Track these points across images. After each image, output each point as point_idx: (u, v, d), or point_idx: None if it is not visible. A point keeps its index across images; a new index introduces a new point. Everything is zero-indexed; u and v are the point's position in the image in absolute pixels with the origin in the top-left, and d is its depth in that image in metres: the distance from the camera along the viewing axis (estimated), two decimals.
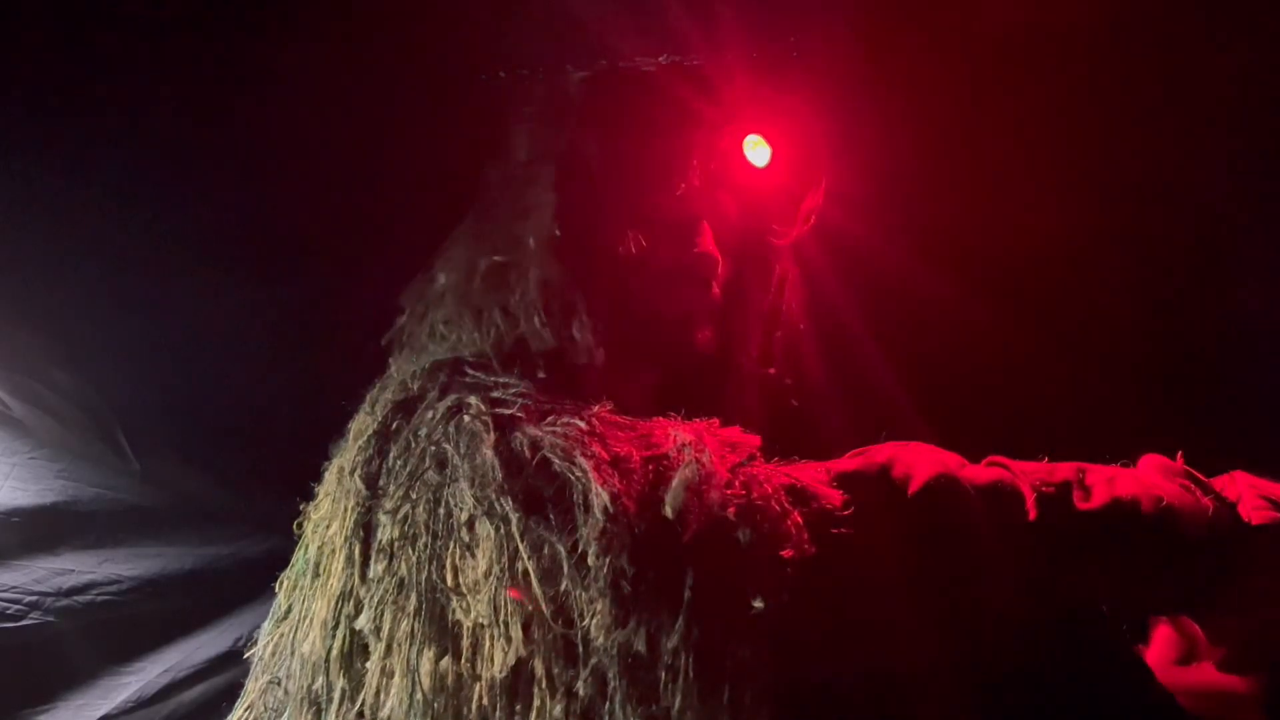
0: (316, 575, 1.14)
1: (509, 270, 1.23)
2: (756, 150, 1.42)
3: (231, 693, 1.25)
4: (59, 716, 1.85)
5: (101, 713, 1.88)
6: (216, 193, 1.85)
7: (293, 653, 1.13)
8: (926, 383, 1.80)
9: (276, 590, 1.23)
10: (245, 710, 1.18)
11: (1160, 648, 1.29)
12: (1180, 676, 1.24)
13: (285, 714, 1.11)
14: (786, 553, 0.99)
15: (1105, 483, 1.13)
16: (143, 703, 1.93)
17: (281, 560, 1.26)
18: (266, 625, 1.22)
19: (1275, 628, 1.18)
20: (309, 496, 1.25)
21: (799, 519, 1.02)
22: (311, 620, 1.11)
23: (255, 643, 1.24)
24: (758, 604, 0.96)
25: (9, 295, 1.81)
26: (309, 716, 1.08)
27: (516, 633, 0.96)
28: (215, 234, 1.89)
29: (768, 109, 1.43)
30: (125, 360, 1.91)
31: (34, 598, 1.83)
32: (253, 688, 1.19)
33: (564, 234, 1.22)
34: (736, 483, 1.01)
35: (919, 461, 1.11)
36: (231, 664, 1.99)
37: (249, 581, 2.01)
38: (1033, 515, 1.08)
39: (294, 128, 1.81)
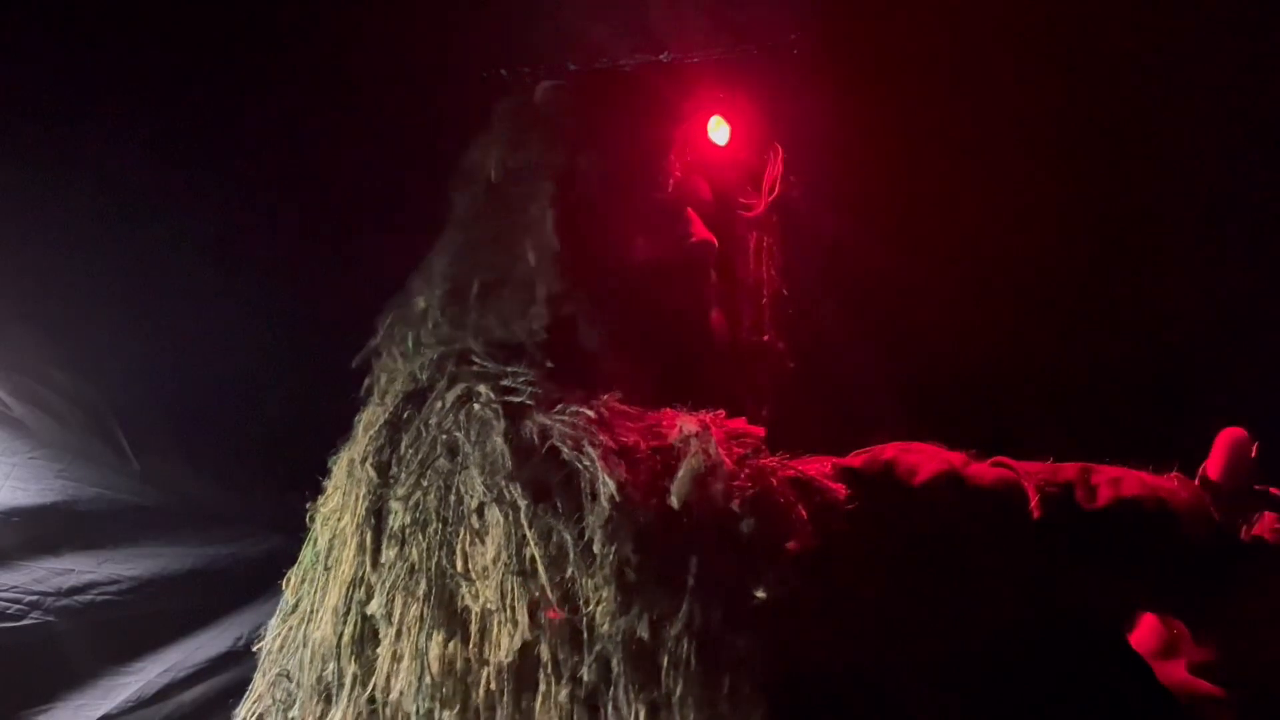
0: (327, 568, 1.15)
1: (504, 287, 1.20)
2: (718, 129, 1.43)
3: (231, 692, 1.25)
4: (59, 716, 1.85)
5: (101, 713, 1.88)
6: (216, 194, 1.86)
7: (304, 644, 1.13)
8: (890, 359, 1.82)
9: (284, 588, 1.23)
10: (254, 703, 1.18)
11: (1143, 636, 1.29)
12: (1158, 669, 1.23)
13: (295, 705, 1.12)
14: (790, 545, 0.99)
15: (1110, 483, 1.13)
16: (143, 703, 1.93)
17: (281, 560, 1.26)
18: (274, 621, 1.22)
19: (1262, 646, 1.18)
20: (310, 495, 1.25)
21: (803, 512, 1.02)
22: (322, 610, 1.11)
23: (260, 639, 1.23)
24: (760, 594, 0.96)
25: (10, 295, 1.82)
26: (319, 705, 1.09)
27: (523, 618, 0.96)
28: (215, 235, 1.90)
29: (727, 89, 1.44)
30: (125, 360, 1.92)
31: (34, 598, 1.83)
32: (260, 681, 1.19)
33: (565, 248, 1.20)
34: (742, 474, 1.01)
35: (923, 459, 1.11)
36: (231, 664, 1.99)
37: (249, 581, 2.01)
38: (1036, 515, 1.09)
39: (294, 129, 1.82)
